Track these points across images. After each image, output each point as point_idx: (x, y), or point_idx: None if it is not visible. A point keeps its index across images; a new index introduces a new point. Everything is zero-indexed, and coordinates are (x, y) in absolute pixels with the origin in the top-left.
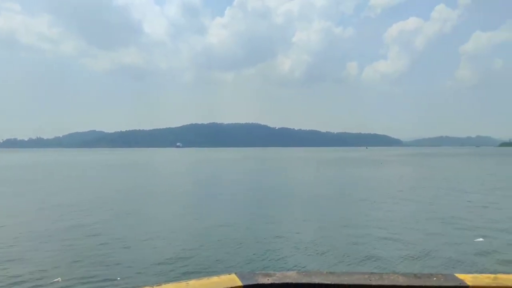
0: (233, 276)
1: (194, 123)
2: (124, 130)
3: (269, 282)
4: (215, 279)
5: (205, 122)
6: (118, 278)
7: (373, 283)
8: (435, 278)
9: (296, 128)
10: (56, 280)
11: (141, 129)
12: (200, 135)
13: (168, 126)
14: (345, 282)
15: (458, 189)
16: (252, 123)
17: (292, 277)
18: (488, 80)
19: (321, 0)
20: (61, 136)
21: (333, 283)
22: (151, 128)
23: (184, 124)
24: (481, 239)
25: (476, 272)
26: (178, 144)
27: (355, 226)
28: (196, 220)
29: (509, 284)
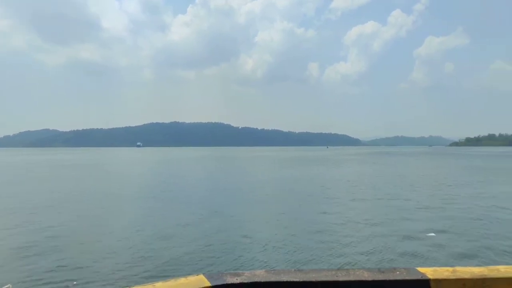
0: (201, 276)
1: (155, 122)
2: (81, 129)
3: (238, 281)
4: (182, 280)
5: (167, 121)
6: (75, 283)
7: (340, 279)
8: (398, 272)
9: (259, 128)
10: (6, 286)
11: (98, 128)
12: (161, 135)
13: (127, 125)
14: (313, 279)
15: (411, 186)
16: (214, 122)
17: (261, 276)
18: (439, 83)
19: (283, 1)
20: (11, 135)
21: (301, 280)
22: (109, 127)
23: (145, 123)
24: (432, 234)
25: (435, 266)
26: (138, 143)
27: (318, 224)
28: (159, 222)
29: (466, 276)
